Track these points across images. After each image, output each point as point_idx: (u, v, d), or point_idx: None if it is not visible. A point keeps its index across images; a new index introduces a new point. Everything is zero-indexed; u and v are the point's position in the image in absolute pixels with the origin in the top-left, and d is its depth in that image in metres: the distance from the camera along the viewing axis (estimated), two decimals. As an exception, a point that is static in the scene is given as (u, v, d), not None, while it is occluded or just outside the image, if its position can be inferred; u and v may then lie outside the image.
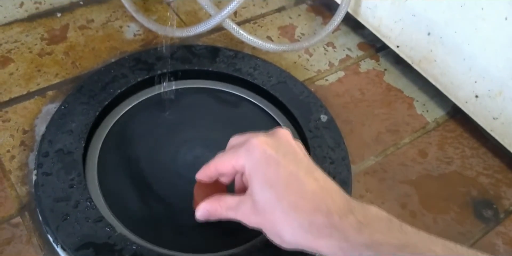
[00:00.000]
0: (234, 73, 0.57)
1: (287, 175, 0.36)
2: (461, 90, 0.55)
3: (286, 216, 0.35)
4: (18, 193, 0.46)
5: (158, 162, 0.50)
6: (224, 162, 0.39)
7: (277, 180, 0.36)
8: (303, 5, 0.72)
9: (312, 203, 0.35)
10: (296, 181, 0.36)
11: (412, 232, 0.34)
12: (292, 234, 0.35)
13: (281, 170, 0.36)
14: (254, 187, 0.37)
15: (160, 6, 0.67)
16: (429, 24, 0.55)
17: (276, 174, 0.36)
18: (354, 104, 0.59)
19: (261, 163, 0.37)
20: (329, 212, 0.34)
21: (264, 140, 0.38)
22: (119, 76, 0.54)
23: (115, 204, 0.46)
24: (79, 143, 0.48)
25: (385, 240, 0.33)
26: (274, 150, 0.37)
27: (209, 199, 0.41)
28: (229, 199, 0.40)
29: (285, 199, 0.35)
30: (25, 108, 0.53)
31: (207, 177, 0.42)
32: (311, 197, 0.35)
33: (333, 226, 0.34)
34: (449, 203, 0.51)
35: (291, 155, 0.38)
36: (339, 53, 0.66)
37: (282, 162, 0.36)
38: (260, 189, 0.36)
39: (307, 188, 0.36)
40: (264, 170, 0.36)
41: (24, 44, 0.59)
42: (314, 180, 0.36)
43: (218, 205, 0.40)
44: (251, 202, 0.37)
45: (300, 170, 0.37)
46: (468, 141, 0.57)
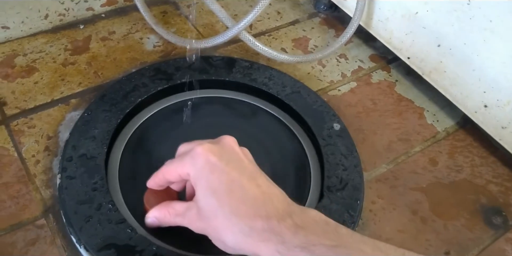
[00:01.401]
0: (250, 83, 0.59)
1: (230, 182, 0.37)
2: (471, 100, 0.56)
3: (228, 222, 0.36)
4: (43, 196, 0.48)
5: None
6: (170, 170, 0.41)
7: (219, 187, 0.37)
8: (316, 18, 0.74)
9: (253, 208, 0.36)
10: (238, 187, 0.37)
11: (346, 233, 0.35)
12: (234, 239, 0.36)
13: (224, 177, 0.37)
14: (198, 194, 0.38)
15: (179, 18, 0.69)
16: (439, 36, 0.56)
17: (218, 181, 0.37)
18: (366, 113, 0.61)
19: (204, 170, 0.38)
20: (268, 217, 0.35)
21: (208, 148, 0.39)
22: (139, 85, 0.56)
23: (136, 207, 0.48)
24: (101, 148, 0.50)
25: (319, 241, 0.34)
26: (217, 157, 0.38)
27: (158, 206, 0.42)
28: (177, 206, 0.41)
29: (226, 205, 0.36)
30: (49, 115, 0.55)
31: (156, 185, 0.43)
32: (252, 202, 0.36)
33: (271, 230, 0.35)
34: (459, 210, 0.52)
35: (235, 162, 0.39)
36: (352, 64, 0.67)
37: (225, 169, 0.37)
38: (203, 196, 0.37)
39: (249, 194, 0.37)
40: (207, 177, 0.37)
41: (48, 54, 0.61)
42: (257, 186, 0.37)
43: (167, 211, 0.41)
44: (196, 208, 0.38)
45: (243, 177, 0.38)
46: (477, 150, 0.59)
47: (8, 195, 0.48)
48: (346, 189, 0.50)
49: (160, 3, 0.71)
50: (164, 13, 0.70)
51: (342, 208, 0.49)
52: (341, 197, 0.49)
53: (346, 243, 0.34)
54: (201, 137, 0.54)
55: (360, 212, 0.50)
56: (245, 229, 0.35)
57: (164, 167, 0.42)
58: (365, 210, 0.51)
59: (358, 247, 0.34)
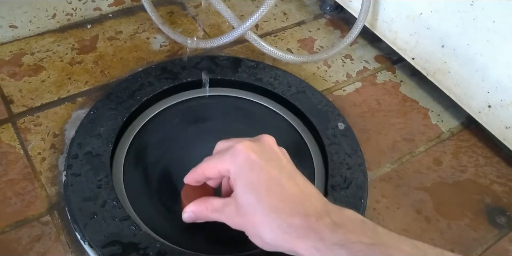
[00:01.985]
0: (256, 82, 0.59)
1: (269, 179, 0.37)
2: (474, 100, 0.56)
3: (266, 218, 0.36)
4: (48, 193, 0.49)
5: (181, 165, 0.51)
6: (210, 166, 0.41)
7: (259, 184, 0.37)
8: (322, 19, 0.74)
9: (291, 206, 0.36)
10: (277, 185, 0.37)
11: (383, 232, 0.35)
12: (271, 235, 0.36)
13: (263, 175, 0.37)
14: (238, 190, 0.38)
15: (185, 19, 0.70)
16: (443, 37, 0.56)
17: (258, 178, 0.37)
18: (371, 113, 0.61)
19: (244, 167, 0.38)
20: (307, 215, 0.36)
21: (249, 146, 0.39)
22: (146, 84, 0.57)
23: (140, 204, 0.48)
24: (107, 146, 0.50)
25: (357, 239, 0.34)
26: (257, 155, 0.38)
27: (196, 201, 0.42)
28: (215, 202, 0.41)
29: (265, 202, 0.36)
30: (55, 113, 0.56)
31: (194, 181, 0.43)
32: (290, 200, 0.37)
33: (309, 228, 0.35)
34: (463, 209, 0.52)
35: (274, 160, 0.39)
36: (357, 65, 0.68)
37: (265, 167, 0.38)
38: (243, 192, 0.38)
39: (287, 192, 0.37)
40: (247, 174, 0.38)
41: (55, 53, 0.62)
42: (295, 185, 0.38)
43: (205, 207, 0.41)
44: (235, 204, 0.38)
45: (282, 175, 0.38)
46: (481, 150, 0.59)
47: (13, 192, 0.48)
48: (350, 188, 0.50)
49: (167, 3, 0.72)
50: (171, 13, 0.70)
51: (346, 207, 0.48)
52: (345, 196, 0.49)
53: (384, 241, 0.34)
54: (207, 135, 0.55)
55: (364, 211, 0.50)
56: (283, 226, 0.36)
57: (204, 163, 0.42)
58: (369, 209, 0.51)
59: (397, 245, 0.34)
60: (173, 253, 0.43)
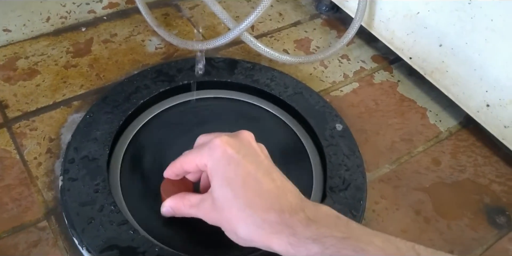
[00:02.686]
0: (252, 84, 0.59)
1: (245, 175, 0.37)
2: (473, 99, 0.56)
3: (242, 213, 0.36)
4: (45, 198, 0.48)
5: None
6: (188, 160, 0.41)
7: (235, 179, 0.37)
8: (318, 19, 0.74)
9: (267, 201, 0.36)
10: (254, 180, 0.37)
11: (356, 227, 0.36)
12: (246, 230, 0.36)
13: (240, 170, 0.38)
14: (214, 185, 0.38)
15: (181, 21, 0.70)
16: (440, 36, 0.56)
17: (234, 173, 0.37)
18: (369, 114, 0.61)
19: (221, 162, 0.38)
20: (282, 210, 0.36)
21: (227, 140, 0.39)
22: (141, 87, 0.56)
23: (138, 208, 0.48)
24: (103, 150, 0.50)
25: (330, 233, 0.34)
26: (235, 150, 0.38)
27: (174, 197, 0.43)
28: (192, 197, 0.41)
29: (241, 197, 0.37)
30: (51, 118, 0.55)
31: (173, 174, 0.44)
32: (266, 196, 0.37)
33: (283, 223, 0.35)
34: (463, 209, 0.52)
35: (252, 156, 0.39)
36: (354, 65, 0.67)
37: (242, 162, 0.38)
38: (219, 187, 0.38)
39: (264, 188, 0.37)
40: (224, 169, 0.38)
41: (50, 56, 0.62)
42: (271, 180, 0.38)
43: (182, 203, 0.42)
44: (211, 199, 0.38)
45: (259, 171, 0.38)
46: (480, 149, 0.58)
47: (10, 198, 0.48)
48: (349, 189, 0.50)
49: (162, 5, 0.72)
50: (166, 15, 0.70)
51: (345, 208, 0.48)
52: (344, 198, 0.49)
53: (356, 235, 0.34)
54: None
55: (363, 212, 0.50)
56: (258, 221, 0.36)
57: (182, 157, 0.42)
58: (368, 210, 0.51)
59: (369, 239, 0.34)
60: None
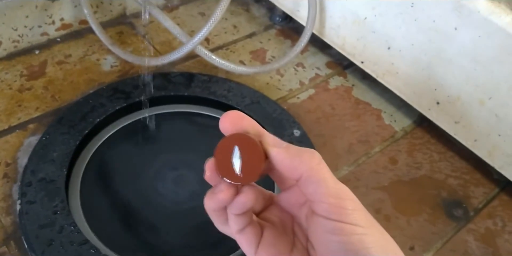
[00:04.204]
0: (209, 96, 0.60)
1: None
2: (423, 98, 0.57)
3: None
4: (3, 224, 0.47)
5: (139, 185, 0.51)
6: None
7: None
8: (272, 30, 0.75)
9: None
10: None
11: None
12: None
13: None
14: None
15: (135, 38, 0.70)
16: (388, 39, 0.58)
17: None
18: (326, 118, 0.62)
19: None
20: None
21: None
22: (97, 105, 0.56)
23: (99, 227, 0.47)
24: (61, 171, 0.49)
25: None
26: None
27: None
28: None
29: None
30: (6, 142, 0.54)
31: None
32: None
33: None
34: (421, 205, 0.53)
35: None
36: (309, 72, 0.69)
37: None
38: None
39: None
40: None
41: (4, 81, 0.61)
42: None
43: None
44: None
45: None
46: (435, 146, 0.60)
47: (-32, 225, 0.47)
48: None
49: (116, 23, 0.72)
50: (120, 33, 0.70)
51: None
52: (304, 202, 0.50)
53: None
54: (163, 153, 0.55)
55: (325, 215, 0.50)
56: None
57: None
58: (330, 213, 0.51)
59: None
60: (136, 274, 0.43)
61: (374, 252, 0.24)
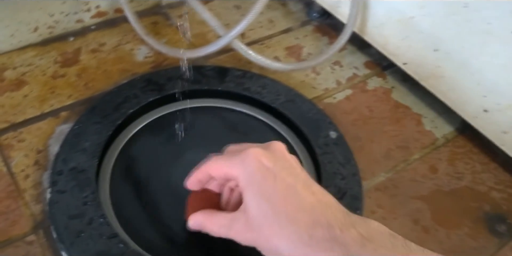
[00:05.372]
0: (243, 92, 0.58)
1: (284, 188, 0.34)
2: (470, 105, 0.55)
3: (285, 230, 0.33)
4: (33, 211, 0.47)
5: (169, 179, 0.50)
6: (217, 167, 0.38)
7: (274, 193, 0.34)
8: (309, 26, 0.73)
9: (311, 216, 0.33)
10: (294, 194, 0.34)
11: (416, 249, 0.32)
12: (290, 248, 0.32)
13: (278, 183, 0.34)
14: (249, 201, 0.35)
15: (170, 29, 0.69)
16: (435, 41, 0.55)
17: (272, 187, 0.34)
18: (363, 121, 0.60)
19: (256, 175, 0.35)
20: (330, 225, 0.32)
21: (261, 152, 0.36)
22: (130, 96, 0.55)
23: (128, 221, 0.46)
24: (92, 161, 0.48)
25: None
26: (271, 163, 0.35)
27: (202, 212, 0.39)
28: (222, 217, 0.38)
29: (282, 213, 0.33)
30: (39, 129, 0.54)
31: (196, 180, 0.41)
32: (310, 210, 0.33)
33: (334, 240, 0.32)
34: (462, 218, 0.51)
35: (288, 169, 0.36)
36: (346, 71, 0.66)
37: (279, 175, 0.35)
38: (256, 203, 0.34)
39: (306, 201, 0.34)
40: (260, 182, 0.35)
41: (38, 67, 0.60)
42: (312, 194, 0.35)
43: (210, 222, 0.38)
44: (245, 218, 0.35)
45: (298, 184, 0.35)
46: (478, 156, 0.57)
47: (-4, 211, 0.46)
48: (345, 198, 0.49)
49: (151, 14, 0.71)
50: (155, 23, 0.69)
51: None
52: (340, 207, 0.48)
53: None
54: (195, 147, 0.53)
55: (360, 222, 0.49)
56: (304, 237, 0.32)
57: (210, 162, 0.39)
58: (365, 220, 0.50)
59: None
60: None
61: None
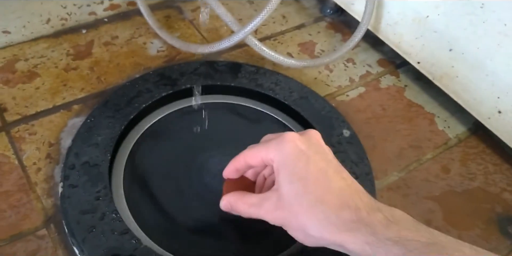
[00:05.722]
0: (256, 88, 0.58)
1: (317, 171, 0.36)
2: (484, 106, 0.55)
3: (314, 209, 0.35)
4: (44, 205, 0.47)
5: (183, 174, 0.50)
6: (254, 154, 0.40)
7: (306, 174, 0.36)
8: (323, 22, 0.73)
9: (340, 198, 0.35)
10: (325, 177, 0.36)
11: (439, 234, 0.34)
12: (317, 227, 0.35)
13: (311, 165, 0.36)
14: (282, 181, 0.37)
15: (183, 23, 0.68)
16: (450, 40, 0.55)
17: (305, 168, 0.36)
18: (376, 119, 0.59)
19: (291, 156, 0.37)
20: (357, 208, 0.35)
21: (296, 136, 0.38)
22: (143, 90, 0.55)
23: (141, 216, 0.46)
24: (105, 155, 0.48)
25: (413, 237, 0.33)
26: (305, 146, 0.38)
27: (234, 193, 0.41)
28: (253, 197, 0.39)
29: (312, 193, 0.35)
30: (51, 122, 0.54)
31: (234, 169, 0.42)
32: (338, 193, 0.36)
33: (360, 221, 0.34)
34: (474, 219, 0.51)
35: (321, 154, 0.38)
36: (359, 69, 0.66)
37: (312, 158, 0.37)
38: (288, 182, 0.36)
39: (335, 185, 0.36)
40: (294, 163, 0.37)
41: (50, 59, 0.60)
42: (342, 179, 0.37)
43: (241, 201, 0.40)
44: (277, 196, 0.37)
45: (329, 168, 0.37)
46: (490, 157, 0.57)
47: (8, 204, 0.46)
48: (357, 197, 0.49)
49: (164, 7, 0.70)
50: (168, 17, 0.69)
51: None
52: (352, 206, 0.48)
53: (442, 242, 0.33)
54: (207, 143, 0.53)
55: (372, 221, 0.49)
56: (331, 217, 0.34)
57: (247, 150, 0.41)
58: (377, 219, 0.50)
59: (456, 247, 0.33)
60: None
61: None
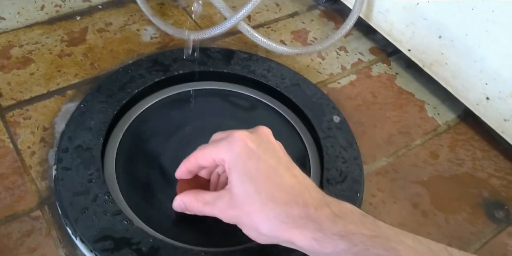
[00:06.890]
0: (249, 75, 0.58)
1: (267, 169, 0.37)
2: (472, 92, 0.55)
3: (264, 207, 0.36)
4: (38, 188, 0.48)
5: (173, 158, 0.50)
6: (205, 155, 0.40)
7: (256, 173, 0.37)
8: (316, 11, 0.73)
9: (290, 195, 0.36)
10: (275, 175, 0.37)
11: (384, 226, 0.35)
12: (268, 225, 0.36)
13: (261, 164, 0.37)
14: (234, 181, 0.37)
15: (176, 10, 0.69)
16: (440, 28, 0.56)
17: (256, 167, 0.37)
18: (366, 106, 0.60)
19: (241, 156, 0.38)
20: (306, 204, 0.35)
21: (246, 135, 0.39)
22: (136, 76, 0.55)
23: (133, 198, 0.47)
24: (97, 139, 0.49)
25: (358, 231, 0.34)
26: (255, 144, 0.38)
27: (187, 192, 0.42)
28: (207, 195, 0.40)
29: (263, 191, 0.36)
30: (45, 107, 0.54)
31: (187, 170, 0.43)
32: (289, 190, 0.36)
33: (308, 217, 0.35)
34: (461, 203, 0.52)
35: (272, 151, 0.39)
36: (351, 57, 0.67)
37: (263, 157, 0.37)
38: (240, 182, 0.37)
39: (286, 182, 0.37)
40: (245, 163, 0.37)
41: (44, 45, 0.61)
42: (293, 176, 0.38)
43: (195, 199, 0.41)
44: (229, 195, 0.38)
45: (280, 166, 0.38)
46: (479, 143, 0.58)
47: (3, 187, 0.47)
48: (346, 181, 0.50)
49: (158, -6, 0.71)
50: (161, 4, 0.69)
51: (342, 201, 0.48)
52: (340, 190, 0.49)
53: (386, 234, 0.34)
54: (199, 129, 0.54)
55: (360, 205, 0.50)
56: (281, 215, 0.35)
57: (198, 151, 0.41)
58: (365, 203, 0.51)
59: (399, 238, 0.33)
60: (167, 248, 0.42)
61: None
